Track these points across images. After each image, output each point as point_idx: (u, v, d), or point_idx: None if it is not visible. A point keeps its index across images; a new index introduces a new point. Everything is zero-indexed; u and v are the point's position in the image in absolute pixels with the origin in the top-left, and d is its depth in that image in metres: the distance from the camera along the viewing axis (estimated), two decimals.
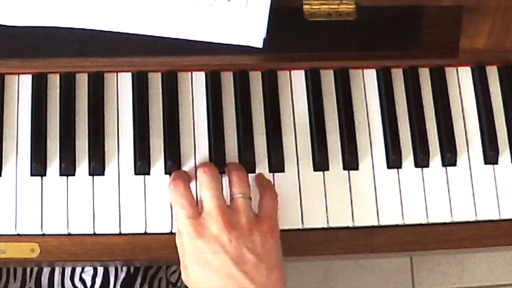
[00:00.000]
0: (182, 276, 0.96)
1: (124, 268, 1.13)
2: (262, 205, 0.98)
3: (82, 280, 1.13)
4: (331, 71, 1.07)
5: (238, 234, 0.93)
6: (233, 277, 0.91)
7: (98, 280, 1.13)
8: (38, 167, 1.00)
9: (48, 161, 1.00)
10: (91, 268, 1.13)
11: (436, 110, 1.07)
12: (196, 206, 0.96)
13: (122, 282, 1.13)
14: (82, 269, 1.13)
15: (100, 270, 1.13)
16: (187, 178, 0.99)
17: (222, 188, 0.97)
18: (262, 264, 0.92)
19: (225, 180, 0.99)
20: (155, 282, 1.16)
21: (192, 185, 1.00)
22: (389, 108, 1.06)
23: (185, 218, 0.94)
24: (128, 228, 1.00)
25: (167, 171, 1.01)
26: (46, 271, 1.13)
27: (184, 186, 0.97)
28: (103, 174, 1.01)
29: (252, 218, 0.95)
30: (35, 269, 1.13)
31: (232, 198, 0.96)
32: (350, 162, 1.04)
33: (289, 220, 1.01)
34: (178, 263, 0.97)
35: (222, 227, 0.92)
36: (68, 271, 1.13)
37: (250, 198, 0.97)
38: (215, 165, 1.01)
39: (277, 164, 1.03)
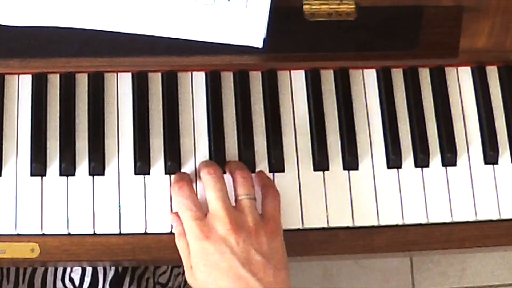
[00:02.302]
0: (187, 277, 0.96)
1: (113, 267, 1.13)
2: (265, 205, 0.98)
3: (71, 280, 1.13)
4: (331, 71, 1.07)
5: (245, 235, 0.93)
6: (242, 278, 0.92)
7: (87, 279, 1.13)
8: (38, 167, 1.00)
9: (48, 161, 1.00)
10: (80, 267, 1.13)
11: (436, 110, 1.07)
12: (202, 208, 0.96)
13: (110, 281, 1.13)
14: (71, 268, 1.13)
15: (89, 269, 1.13)
16: (190, 180, 0.99)
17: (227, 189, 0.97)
18: (269, 264, 0.93)
19: (227, 178, 0.99)
20: (142, 282, 1.16)
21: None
22: (389, 108, 1.06)
23: (191, 220, 0.94)
24: (128, 228, 1.00)
25: (167, 171, 1.01)
26: (39, 273, 1.13)
27: (189, 188, 0.97)
28: (103, 174, 1.01)
29: (258, 218, 0.95)
30: (28, 271, 1.13)
31: (237, 199, 0.97)
32: (350, 162, 1.04)
33: (289, 220, 1.01)
34: (178, 263, 0.97)
35: (229, 228, 0.93)
36: (59, 271, 1.13)
37: (255, 198, 0.97)
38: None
39: (277, 164, 1.03)
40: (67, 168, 1.00)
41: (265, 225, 0.95)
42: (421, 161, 1.05)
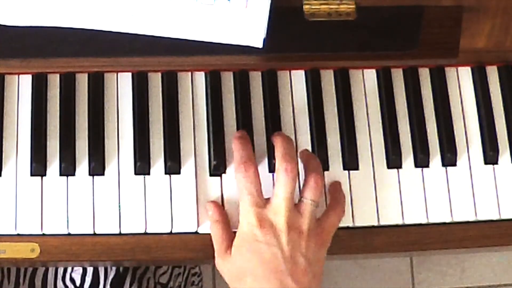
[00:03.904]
0: (217, 262, 0.97)
1: (114, 267, 1.13)
2: (326, 217, 0.98)
3: (72, 280, 1.13)
4: (331, 71, 1.07)
5: (296, 236, 0.94)
6: (279, 273, 0.92)
7: (88, 279, 1.13)
8: (38, 167, 1.00)
9: (48, 161, 1.00)
10: (81, 267, 1.13)
11: (436, 110, 1.07)
12: (262, 196, 0.96)
13: (111, 281, 1.13)
14: (72, 268, 1.13)
15: (90, 269, 1.13)
16: (256, 163, 0.98)
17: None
18: (309, 270, 0.94)
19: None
20: (143, 282, 1.16)
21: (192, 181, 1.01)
22: (389, 108, 1.06)
23: (250, 205, 0.95)
24: (128, 228, 0.99)
25: (167, 171, 1.01)
26: (39, 273, 1.13)
27: (255, 173, 0.96)
28: (103, 174, 1.01)
29: (313, 225, 0.96)
30: (29, 271, 1.13)
31: (301, 200, 0.97)
32: (350, 162, 1.04)
33: None
34: (179, 263, 0.97)
35: (284, 226, 0.94)
36: (60, 271, 1.13)
37: (318, 206, 0.97)
38: (216, 166, 1.01)
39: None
40: (67, 168, 1.00)
41: (318, 234, 0.96)
42: (421, 161, 1.05)
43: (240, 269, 0.94)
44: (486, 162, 1.06)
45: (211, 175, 1.02)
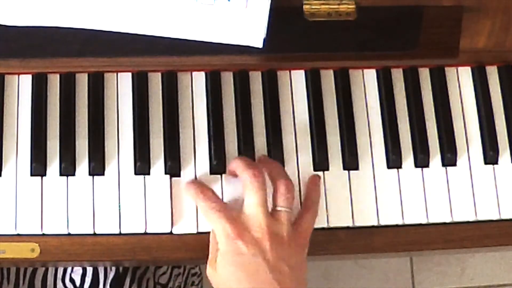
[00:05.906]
0: (207, 270, 0.96)
1: (113, 268, 1.13)
2: (302, 219, 0.98)
3: (72, 280, 1.13)
4: (331, 71, 1.07)
5: (277, 244, 0.94)
6: (267, 284, 0.92)
7: (88, 280, 1.13)
8: (38, 167, 1.00)
9: (48, 161, 1.00)
10: (80, 268, 1.13)
11: (436, 110, 1.07)
12: (230, 208, 0.96)
13: (111, 282, 1.13)
14: (72, 268, 1.13)
15: (90, 269, 1.13)
16: (206, 184, 0.99)
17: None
18: (293, 276, 0.93)
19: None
20: (143, 282, 1.16)
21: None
22: (389, 108, 1.06)
23: (225, 221, 0.94)
24: (128, 228, 1.00)
25: (167, 171, 1.01)
26: (39, 273, 1.13)
27: (211, 191, 0.97)
28: (103, 174, 1.01)
29: (291, 230, 0.96)
30: (29, 271, 1.13)
31: (275, 208, 0.96)
32: (350, 162, 1.04)
33: None
34: (178, 263, 0.97)
35: (265, 234, 0.93)
36: (60, 272, 1.13)
37: (292, 209, 0.97)
38: (216, 166, 1.01)
39: None
40: (67, 168, 1.00)
41: (296, 238, 0.96)
42: (421, 161, 1.05)
43: (226, 282, 0.94)
44: (486, 162, 1.06)
45: (211, 175, 1.02)
